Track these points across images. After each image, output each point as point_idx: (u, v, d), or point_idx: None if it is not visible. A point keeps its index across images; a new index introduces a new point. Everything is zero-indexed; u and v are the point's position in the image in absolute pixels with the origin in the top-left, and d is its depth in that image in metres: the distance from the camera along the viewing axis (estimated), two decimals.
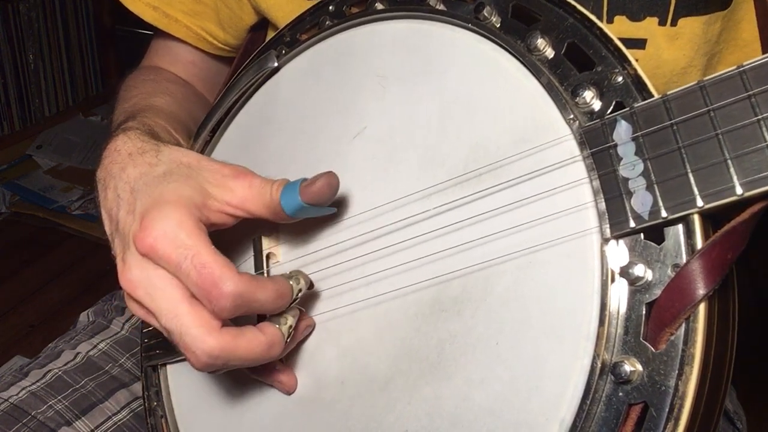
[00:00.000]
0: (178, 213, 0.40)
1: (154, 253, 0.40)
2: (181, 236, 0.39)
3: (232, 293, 0.39)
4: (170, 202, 0.41)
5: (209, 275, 0.39)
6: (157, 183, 0.43)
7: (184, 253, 0.39)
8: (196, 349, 0.40)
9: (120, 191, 0.45)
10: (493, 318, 0.38)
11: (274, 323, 0.43)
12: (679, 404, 0.32)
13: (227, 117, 0.57)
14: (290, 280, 0.44)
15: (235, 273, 0.39)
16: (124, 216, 0.43)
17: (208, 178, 0.43)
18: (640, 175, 0.33)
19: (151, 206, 0.41)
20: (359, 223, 0.46)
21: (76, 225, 2.00)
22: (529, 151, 0.38)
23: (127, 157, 0.46)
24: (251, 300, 0.40)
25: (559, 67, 0.38)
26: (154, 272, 0.40)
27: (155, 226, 0.40)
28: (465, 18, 0.43)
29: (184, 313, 0.40)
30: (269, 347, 0.42)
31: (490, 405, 0.37)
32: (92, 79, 2.43)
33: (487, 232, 0.39)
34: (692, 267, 0.32)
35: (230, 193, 0.43)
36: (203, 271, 0.39)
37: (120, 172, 0.45)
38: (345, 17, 0.50)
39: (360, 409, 0.43)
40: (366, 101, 0.47)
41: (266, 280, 0.42)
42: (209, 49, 0.71)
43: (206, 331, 0.39)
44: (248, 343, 0.41)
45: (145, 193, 0.43)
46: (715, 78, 0.32)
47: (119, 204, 0.44)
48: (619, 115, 0.35)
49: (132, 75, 0.70)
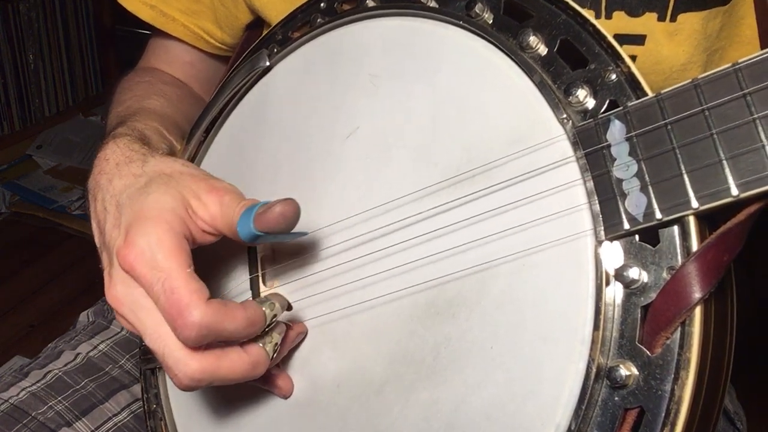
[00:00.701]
0: (159, 230, 0.40)
1: (132, 271, 0.39)
2: (158, 257, 0.39)
3: (197, 324, 0.38)
4: (151, 218, 0.40)
5: (176, 302, 0.38)
6: (138, 195, 0.42)
7: (157, 275, 0.38)
8: (178, 372, 0.39)
9: (107, 204, 0.44)
10: (488, 321, 0.38)
11: (259, 342, 0.42)
12: (676, 409, 0.32)
13: (221, 117, 0.57)
14: (264, 305, 0.42)
15: (203, 302, 0.38)
16: (110, 229, 0.43)
17: (189, 190, 0.42)
18: (634, 176, 0.33)
19: (134, 221, 0.41)
20: (354, 225, 0.45)
21: (76, 225, 2.00)
22: (523, 152, 0.38)
23: (114, 167, 0.46)
24: (219, 330, 0.39)
25: (552, 64, 0.38)
26: (137, 290, 0.40)
27: (136, 243, 0.39)
28: (456, 15, 0.42)
29: (167, 334, 0.39)
30: (253, 367, 0.41)
31: (486, 409, 0.37)
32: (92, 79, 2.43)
33: (481, 234, 0.39)
34: (688, 269, 0.31)
35: (203, 209, 0.42)
36: (171, 297, 0.38)
37: (107, 184, 0.45)
38: (336, 14, 0.49)
39: (356, 412, 0.43)
40: (358, 100, 0.47)
41: (237, 308, 0.40)
42: (207, 48, 0.71)
43: (188, 353, 0.39)
44: (231, 364, 0.40)
45: (129, 206, 0.42)
46: (710, 76, 0.31)
47: (106, 217, 0.44)
48: (613, 114, 0.34)
49: (127, 77, 0.70)
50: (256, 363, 0.41)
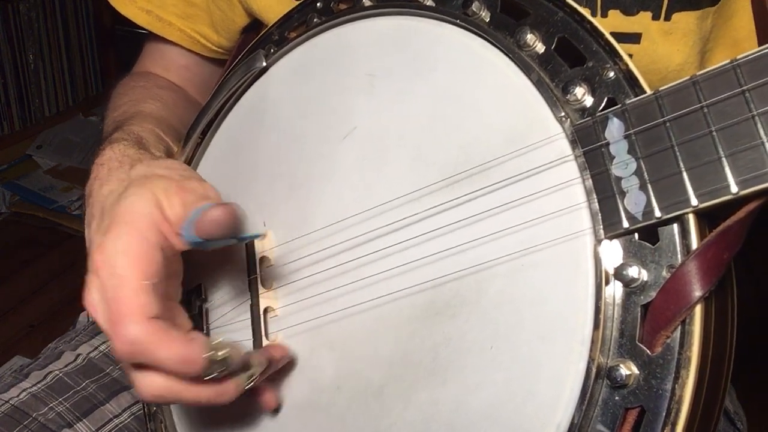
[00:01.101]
0: (129, 237, 0.39)
1: (97, 277, 0.39)
2: (119, 263, 0.38)
3: (129, 338, 0.37)
4: (125, 224, 0.40)
5: (116, 311, 0.37)
6: (117, 200, 0.42)
7: (112, 282, 0.38)
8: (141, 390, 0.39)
9: (94, 209, 0.45)
10: (487, 321, 0.38)
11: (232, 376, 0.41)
12: (676, 408, 0.31)
13: (217, 118, 0.56)
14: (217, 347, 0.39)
15: (143, 318, 0.37)
16: (92, 235, 0.43)
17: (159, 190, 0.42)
18: (633, 174, 0.33)
19: (110, 226, 0.40)
20: (352, 226, 0.45)
21: (76, 225, 2.00)
22: (520, 151, 0.37)
23: (107, 173, 0.46)
24: (149, 352, 0.38)
25: (550, 62, 0.38)
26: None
27: (105, 248, 0.39)
28: (453, 14, 0.42)
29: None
30: (217, 395, 0.41)
31: (486, 410, 0.37)
32: (92, 79, 2.43)
33: (479, 234, 0.38)
34: (688, 268, 0.31)
35: (170, 209, 0.41)
36: (112, 305, 0.38)
37: (98, 190, 0.45)
38: (333, 14, 0.49)
39: (356, 414, 0.43)
40: (355, 100, 0.47)
41: (177, 340, 0.38)
42: (203, 52, 0.71)
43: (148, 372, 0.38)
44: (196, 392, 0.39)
45: (109, 211, 0.42)
46: (709, 73, 0.31)
47: (91, 222, 0.44)
48: (611, 112, 0.34)
49: (122, 82, 0.70)
50: (221, 393, 0.41)
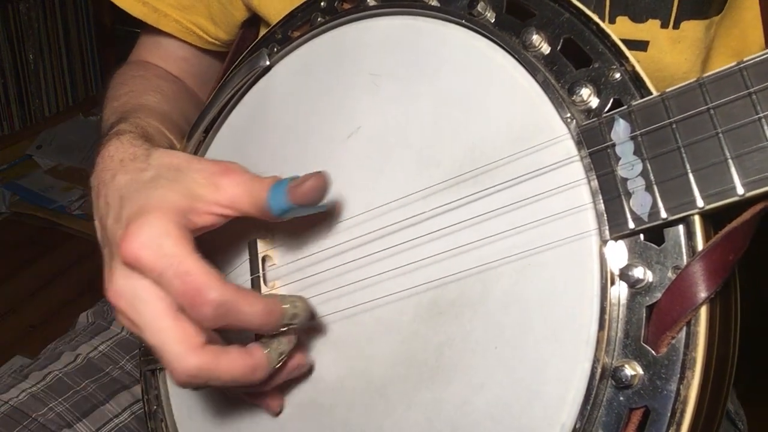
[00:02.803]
0: (163, 221, 0.39)
1: (137, 262, 0.39)
2: (165, 245, 0.39)
3: (215, 300, 0.37)
4: (155, 209, 0.40)
5: (192, 283, 0.38)
6: (143, 189, 0.42)
7: (168, 262, 0.38)
8: (176, 367, 0.39)
9: (110, 199, 0.44)
10: (491, 321, 0.38)
11: (265, 347, 0.42)
12: (681, 409, 0.31)
13: (220, 117, 0.56)
14: (284, 302, 0.41)
15: (220, 281, 0.38)
16: (111, 224, 0.43)
17: (196, 179, 0.42)
18: (639, 175, 0.33)
19: (137, 214, 0.40)
20: (356, 225, 0.45)
21: (76, 225, 2.00)
22: (526, 151, 0.37)
23: (118, 163, 0.46)
24: (235, 311, 0.38)
25: (556, 63, 0.38)
26: (138, 283, 0.39)
27: (140, 234, 0.39)
28: (458, 14, 0.42)
29: (166, 328, 0.39)
30: (252, 370, 0.40)
31: (490, 410, 0.37)
32: (92, 79, 2.43)
33: (484, 234, 0.38)
34: (693, 269, 0.31)
35: (219, 192, 0.42)
36: (186, 279, 0.38)
37: (111, 180, 0.45)
38: (337, 14, 0.49)
39: (359, 413, 0.43)
40: (359, 100, 0.47)
41: (255, 295, 0.40)
42: (200, 44, 0.70)
43: (187, 348, 0.38)
44: (230, 364, 0.40)
45: (132, 200, 0.42)
46: (715, 75, 0.31)
47: (108, 212, 0.44)
48: (617, 113, 0.34)
49: (120, 71, 0.69)
50: (256, 367, 0.41)
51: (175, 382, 0.40)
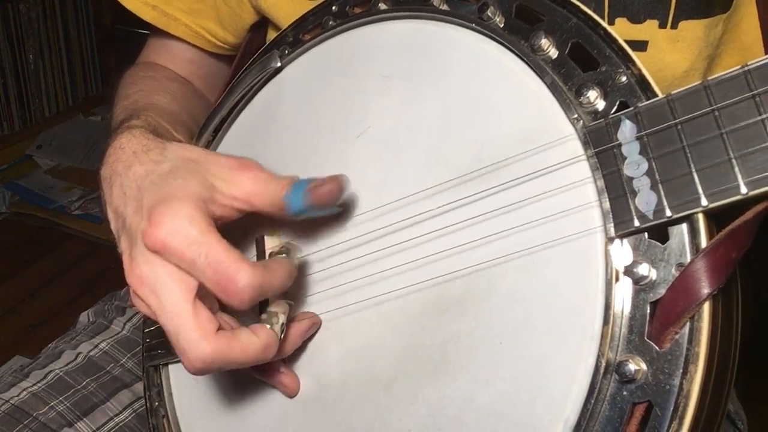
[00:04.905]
0: (188, 208, 0.40)
1: (165, 249, 0.39)
2: (193, 232, 0.39)
3: (249, 285, 0.39)
4: (178, 198, 0.40)
5: (225, 271, 0.38)
6: (163, 180, 0.42)
7: (198, 250, 0.39)
8: (190, 354, 0.39)
9: (126, 189, 0.44)
10: (496, 318, 0.38)
11: (266, 324, 0.43)
12: (684, 403, 0.32)
13: (229, 117, 0.57)
14: (287, 256, 0.44)
15: (249, 266, 0.39)
16: (131, 213, 0.43)
17: (214, 173, 0.43)
18: (645, 175, 0.33)
19: (159, 202, 0.41)
20: (363, 222, 0.46)
21: (76, 225, 1.99)
22: (533, 151, 0.38)
23: (132, 155, 0.46)
24: (267, 288, 0.40)
25: (563, 66, 0.38)
26: (162, 269, 0.40)
27: (165, 222, 0.39)
28: (468, 18, 0.43)
29: (184, 313, 0.39)
30: (264, 349, 0.41)
31: (495, 405, 0.37)
32: (92, 79, 2.43)
33: (491, 231, 0.39)
34: (697, 266, 0.32)
35: (236, 187, 0.43)
36: (219, 268, 0.38)
37: (126, 170, 0.45)
38: (348, 17, 0.50)
39: (363, 409, 0.43)
40: (369, 101, 0.47)
41: (273, 265, 0.42)
42: (208, 48, 0.71)
43: (202, 335, 0.39)
44: (243, 347, 0.40)
45: (152, 190, 0.42)
46: (720, 78, 0.32)
47: (126, 201, 0.44)
48: (624, 114, 0.35)
49: (130, 71, 0.70)
50: (267, 345, 0.42)
51: (188, 369, 0.40)
